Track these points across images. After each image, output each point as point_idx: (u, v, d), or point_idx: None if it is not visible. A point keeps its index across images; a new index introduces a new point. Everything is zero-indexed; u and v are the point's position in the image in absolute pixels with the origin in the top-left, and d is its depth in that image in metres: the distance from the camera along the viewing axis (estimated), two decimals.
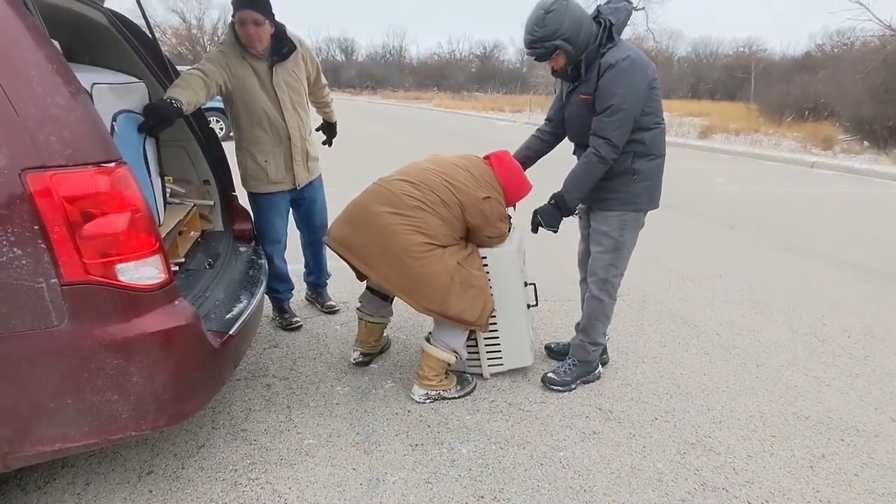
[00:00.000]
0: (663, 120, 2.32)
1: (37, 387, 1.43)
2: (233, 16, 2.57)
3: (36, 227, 1.33)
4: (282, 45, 2.65)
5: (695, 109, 22.09)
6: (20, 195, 1.32)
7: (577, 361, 2.53)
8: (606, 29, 2.15)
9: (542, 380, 2.52)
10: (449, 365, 2.42)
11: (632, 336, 3.10)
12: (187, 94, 2.33)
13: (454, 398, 2.43)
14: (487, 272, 2.40)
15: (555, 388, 2.48)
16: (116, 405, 1.52)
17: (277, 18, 2.64)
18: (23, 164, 1.31)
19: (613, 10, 2.19)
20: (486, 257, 2.40)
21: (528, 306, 2.58)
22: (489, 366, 2.56)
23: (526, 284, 2.57)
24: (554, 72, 2.27)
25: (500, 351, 2.53)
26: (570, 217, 2.37)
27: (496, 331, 2.49)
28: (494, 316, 2.45)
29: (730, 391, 2.56)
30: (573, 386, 2.50)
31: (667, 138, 2.39)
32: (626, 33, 2.57)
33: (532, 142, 2.58)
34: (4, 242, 1.32)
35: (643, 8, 33.48)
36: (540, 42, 2.13)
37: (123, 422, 1.55)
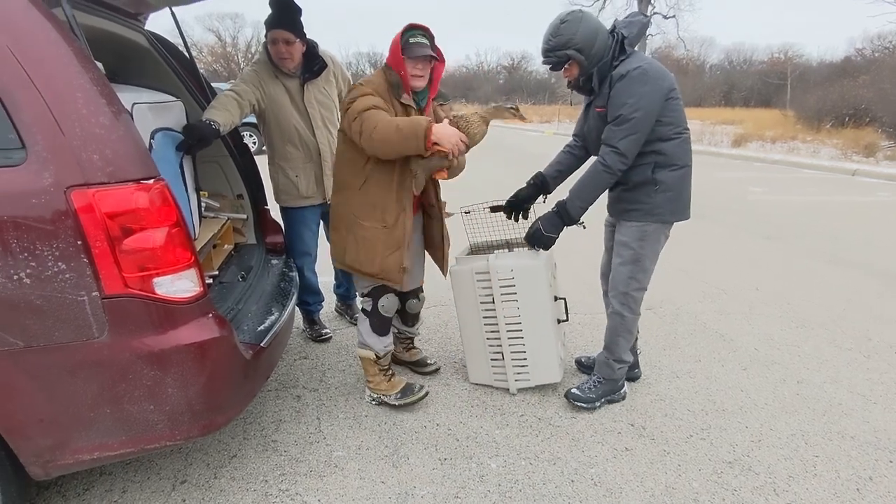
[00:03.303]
0: (687, 129, 2.28)
1: (77, 397, 1.48)
2: (265, 35, 2.64)
3: (79, 243, 1.39)
4: (313, 63, 2.72)
5: (728, 117, 21.66)
6: (65, 211, 1.37)
7: (602, 379, 2.48)
8: (619, 42, 2.17)
9: (566, 395, 2.46)
10: (376, 361, 2.42)
11: (664, 350, 3.03)
12: (224, 115, 2.41)
13: (395, 405, 2.43)
14: (513, 285, 2.38)
15: (578, 403, 2.42)
16: (152, 415, 1.55)
17: (309, 36, 2.70)
18: (68, 181, 1.36)
19: (627, 24, 2.21)
20: (512, 270, 2.38)
21: (558, 321, 2.54)
22: (515, 381, 2.53)
23: (556, 299, 2.54)
24: (569, 84, 2.29)
25: (526, 366, 2.50)
26: (573, 227, 2.34)
27: (523, 345, 2.47)
28: (521, 330, 2.44)
29: (769, 408, 2.47)
30: (597, 404, 2.44)
31: (698, 147, 2.36)
32: (657, 42, 2.56)
33: (562, 157, 2.55)
34: (49, 257, 1.38)
35: (673, 16, 33.20)
36: (553, 51, 2.17)
37: (158, 431, 1.58)
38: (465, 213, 2.58)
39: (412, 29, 2.15)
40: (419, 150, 2.00)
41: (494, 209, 2.57)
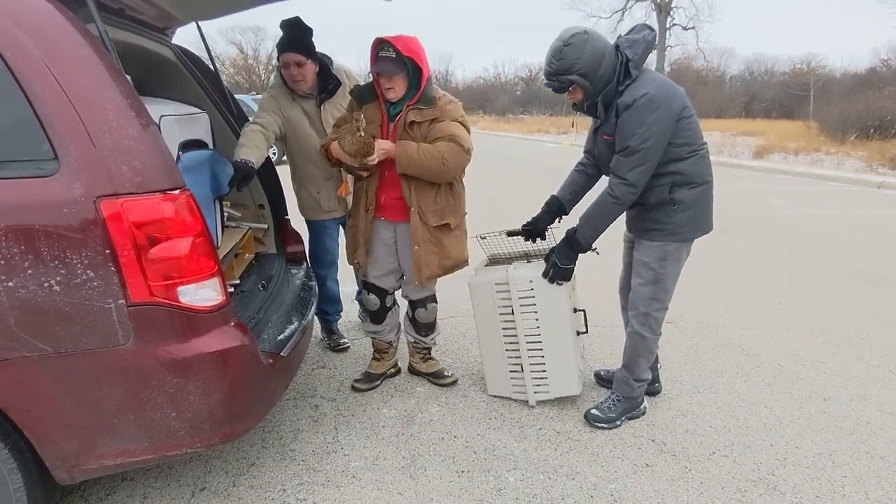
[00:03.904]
0: (703, 145, 2.21)
1: (102, 403, 1.50)
2: (278, 59, 2.67)
3: (107, 251, 1.41)
4: (328, 83, 2.73)
5: (749, 128, 21.37)
6: (94, 221, 1.40)
7: (621, 397, 2.44)
8: (624, 64, 2.07)
9: (585, 416, 2.42)
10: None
11: (685, 364, 2.98)
12: (255, 152, 2.48)
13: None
14: (533, 297, 2.38)
15: (599, 425, 2.38)
16: (174, 422, 1.57)
17: (328, 47, 2.74)
18: (98, 191, 1.40)
19: (631, 43, 2.09)
20: (531, 281, 2.37)
21: (578, 333, 2.52)
22: (535, 393, 2.51)
23: (575, 311, 2.52)
24: (574, 106, 2.24)
25: (546, 378, 2.48)
26: (587, 253, 2.33)
27: (542, 357, 2.45)
28: (540, 343, 2.43)
29: (794, 426, 2.41)
30: (618, 423, 2.40)
31: (719, 158, 2.34)
32: (676, 53, 2.51)
33: (576, 177, 2.51)
34: (79, 265, 1.41)
35: (693, 27, 33.07)
36: (556, 75, 2.09)
37: (180, 439, 1.60)
38: (481, 238, 2.60)
39: (380, 43, 2.19)
40: (329, 162, 2.44)
41: (511, 234, 2.57)
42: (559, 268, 2.30)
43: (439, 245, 2.40)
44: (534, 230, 2.51)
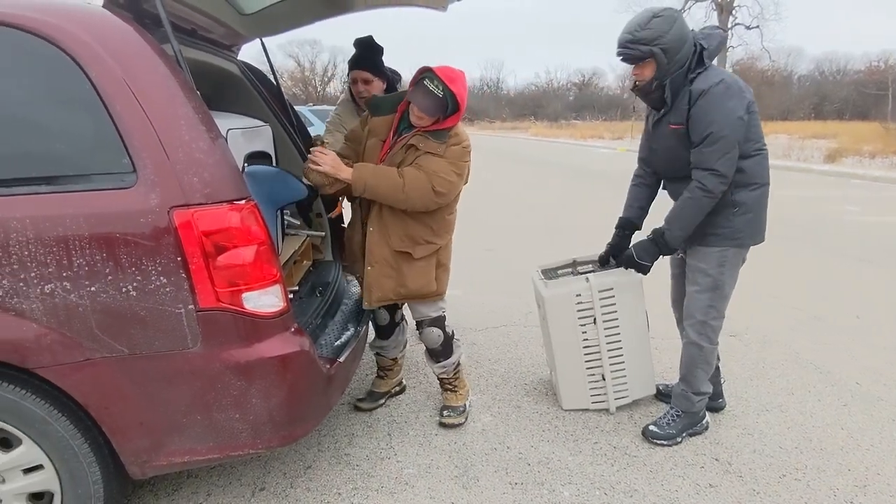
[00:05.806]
0: (765, 145, 2.17)
1: (172, 403, 1.58)
2: (348, 75, 2.76)
3: (178, 259, 1.49)
4: None
5: (819, 131, 20.26)
6: (167, 230, 1.48)
7: (680, 412, 2.34)
8: (698, 53, 2.06)
9: (643, 432, 2.34)
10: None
11: (751, 380, 2.83)
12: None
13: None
14: (614, 303, 2.39)
15: (658, 441, 2.29)
16: (237, 424, 1.63)
17: (386, 59, 2.78)
18: (171, 202, 1.47)
19: (706, 36, 2.12)
20: (613, 288, 2.38)
21: None
22: (615, 399, 2.51)
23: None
24: (635, 86, 2.16)
25: (625, 382, 2.49)
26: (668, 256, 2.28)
27: (622, 361, 2.46)
28: (621, 347, 2.45)
29: (876, 450, 2.24)
30: (678, 439, 2.30)
31: (786, 163, 2.25)
32: (738, 53, 2.43)
33: (637, 192, 2.46)
34: (153, 272, 1.49)
35: (757, 26, 31.68)
36: (637, 43, 2.03)
37: (242, 440, 1.65)
38: (546, 273, 2.63)
39: (426, 72, 2.07)
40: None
41: (603, 262, 2.59)
42: (637, 262, 2.27)
43: (398, 270, 2.21)
44: (613, 252, 2.50)
